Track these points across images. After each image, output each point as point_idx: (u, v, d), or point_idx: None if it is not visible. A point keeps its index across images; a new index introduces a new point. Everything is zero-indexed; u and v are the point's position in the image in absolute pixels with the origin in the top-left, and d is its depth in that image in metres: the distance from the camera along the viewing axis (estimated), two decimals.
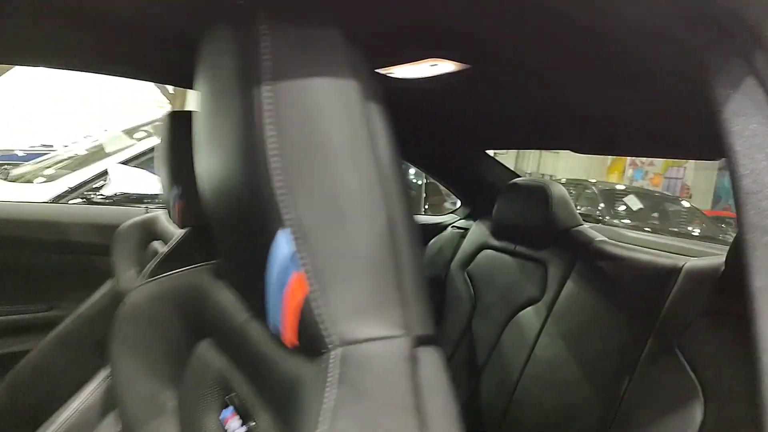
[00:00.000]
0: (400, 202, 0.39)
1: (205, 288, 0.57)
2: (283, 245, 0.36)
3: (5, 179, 2.11)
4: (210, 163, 0.45)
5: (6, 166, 2.38)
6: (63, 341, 1.25)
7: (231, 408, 0.49)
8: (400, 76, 0.94)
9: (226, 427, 0.48)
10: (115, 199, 1.85)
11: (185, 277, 0.61)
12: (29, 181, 2.09)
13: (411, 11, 0.62)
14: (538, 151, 9.10)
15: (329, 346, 0.35)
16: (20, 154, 4.01)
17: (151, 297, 0.62)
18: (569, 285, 1.33)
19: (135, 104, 6.89)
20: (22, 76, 6.23)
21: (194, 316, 0.58)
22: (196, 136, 0.49)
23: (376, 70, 0.91)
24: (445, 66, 0.89)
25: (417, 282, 0.39)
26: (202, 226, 1.05)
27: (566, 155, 9.26)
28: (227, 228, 0.46)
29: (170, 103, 6.66)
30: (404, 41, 0.76)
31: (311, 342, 0.37)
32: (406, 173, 0.40)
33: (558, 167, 9.29)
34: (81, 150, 2.64)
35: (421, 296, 0.40)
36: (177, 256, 0.99)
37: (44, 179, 2.09)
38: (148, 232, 1.23)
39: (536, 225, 1.41)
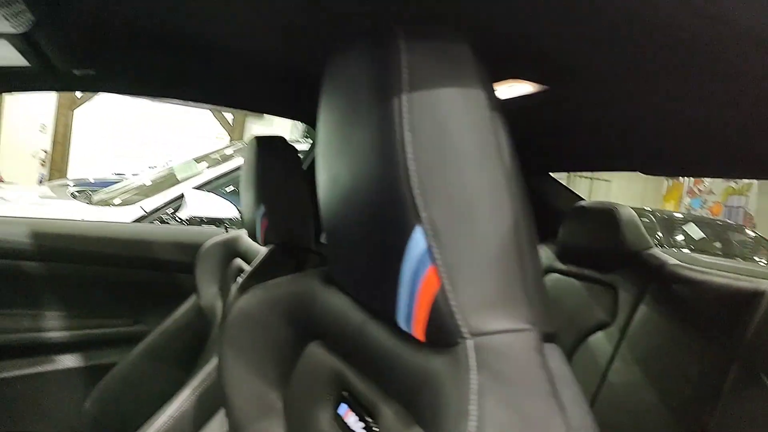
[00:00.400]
0: (523, 205, 0.41)
1: (315, 292, 0.61)
2: (418, 241, 0.39)
3: (89, 203, 2.27)
4: (338, 170, 0.49)
5: (87, 192, 2.56)
6: (149, 354, 1.32)
7: (346, 405, 0.52)
8: None
9: (346, 421, 0.51)
10: (189, 222, 1.96)
11: (293, 282, 0.65)
12: (109, 205, 2.24)
13: (503, 31, 0.66)
14: (590, 179, 8.92)
15: (463, 336, 0.38)
16: (92, 181, 4.27)
17: (260, 302, 0.66)
18: (643, 309, 1.30)
19: (194, 136, 7.25)
20: (90, 106, 6.69)
21: (303, 319, 0.62)
22: (321, 148, 0.53)
23: None
24: (522, 87, 0.92)
25: (538, 281, 0.42)
26: (285, 243, 1.10)
27: (618, 182, 9.03)
28: (351, 232, 0.49)
29: (229, 134, 6.98)
30: (489, 62, 0.80)
31: (443, 334, 0.39)
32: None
33: (610, 195, 9.05)
34: (153, 177, 2.81)
35: (542, 295, 0.42)
36: (263, 272, 1.04)
37: (123, 203, 2.23)
38: (231, 250, 1.30)
39: (605, 248, 1.39)
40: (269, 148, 1.12)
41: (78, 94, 6.60)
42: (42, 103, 6.49)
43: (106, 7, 0.82)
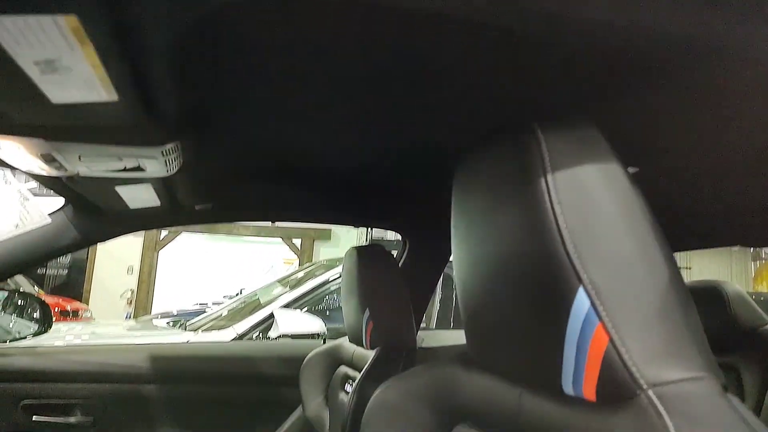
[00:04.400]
0: (672, 260, 0.45)
1: (456, 377, 0.63)
2: (582, 301, 0.42)
3: (185, 330, 2.40)
4: (481, 254, 0.54)
5: (182, 321, 2.71)
6: None
7: None
8: None
9: None
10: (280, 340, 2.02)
11: (430, 370, 0.68)
12: (203, 331, 2.36)
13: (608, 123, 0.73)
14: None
15: (643, 388, 0.40)
16: (175, 313, 4.48)
17: (398, 392, 0.68)
18: None
19: (263, 264, 7.64)
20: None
21: (445, 404, 0.64)
22: (460, 237, 0.59)
23: None
24: None
25: (702, 333, 0.44)
26: (391, 344, 1.14)
27: (699, 268, 8.52)
28: (499, 309, 0.53)
29: (298, 257, 7.33)
30: None
31: (618, 388, 0.41)
32: None
33: (692, 278, 8.50)
34: (238, 303, 2.95)
35: (708, 346, 0.43)
36: (374, 374, 1.06)
37: (216, 328, 2.35)
38: (335, 358, 1.34)
39: (717, 328, 1.33)
40: (368, 256, 1.21)
41: (161, 236, 7.21)
42: (129, 247, 7.10)
43: (242, 151, 0.97)
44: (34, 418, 1.33)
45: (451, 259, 1.65)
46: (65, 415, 1.37)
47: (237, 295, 4.66)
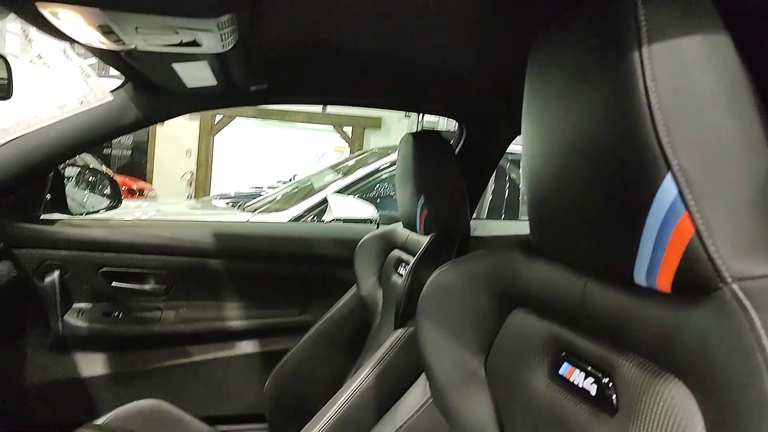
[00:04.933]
0: None
1: (517, 263, 0.63)
2: (669, 189, 0.39)
3: (243, 211, 2.52)
4: (554, 138, 0.51)
5: (242, 202, 2.84)
6: (317, 341, 1.43)
7: (569, 364, 0.53)
8: None
9: (571, 380, 0.52)
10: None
11: (490, 255, 0.68)
12: (261, 212, 2.46)
13: None
14: None
15: (727, 281, 0.38)
16: (233, 195, 4.68)
17: (457, 275, 0.69)
18: None
19: (314, 151, 7.72)
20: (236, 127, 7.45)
21: (504, 288, 0.64)
22: (531, 120, 0.55)
23: None
24: None
25: None
26: (445, 231, 1.14)
27: None
28: (568, 197, 0.50)
29: (349, 146, 7.36)
30: None
31: (699, 281, 0.39)
32: None
33: None
34: (293, 187, 3.04)
35: None
36: (428, 258, 1.08)
37: (272, 210, 2.45)
38: (389, 242, 1.37)
39: None
40: (425, 142, 1.17)
41: (216, 120, 7.34)
42: (186, 131, 7.31)
43: (296, 30, 0.91)
44: (113, 283, 1.46)
45: (509, 149, 1.58)
46: (140, 282, 1.50)
47: (290, 180, 4.80)
